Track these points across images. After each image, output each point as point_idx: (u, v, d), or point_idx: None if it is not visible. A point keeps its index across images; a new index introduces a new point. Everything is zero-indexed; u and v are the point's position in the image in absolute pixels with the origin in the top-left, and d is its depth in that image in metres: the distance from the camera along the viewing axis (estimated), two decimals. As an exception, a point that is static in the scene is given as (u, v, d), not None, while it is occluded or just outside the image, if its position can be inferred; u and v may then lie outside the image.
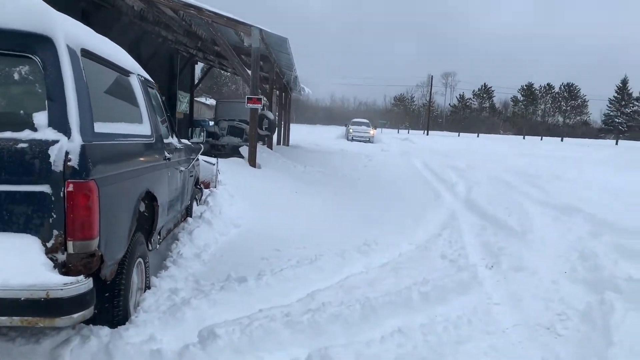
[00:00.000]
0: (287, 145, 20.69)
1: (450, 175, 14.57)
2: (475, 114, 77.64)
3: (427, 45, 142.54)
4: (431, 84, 67.03)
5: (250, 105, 9.62)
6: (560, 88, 75.03)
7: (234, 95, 66.44)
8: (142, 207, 3.41)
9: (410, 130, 66.49)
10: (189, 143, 5.56)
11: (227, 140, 15.66)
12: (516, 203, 9.74)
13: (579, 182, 14.14)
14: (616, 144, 60.40)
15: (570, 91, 74.37)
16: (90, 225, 2.45)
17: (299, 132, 33.06)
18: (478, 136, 63.09)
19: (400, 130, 66.33)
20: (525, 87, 76.43)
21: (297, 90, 19.91)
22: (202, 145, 5.70)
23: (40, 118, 2.47)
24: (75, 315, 2.40)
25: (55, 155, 2.40)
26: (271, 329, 3.20)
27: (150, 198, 3.52)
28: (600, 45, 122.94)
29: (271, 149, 13.68)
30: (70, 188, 2.39)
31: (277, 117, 16.79)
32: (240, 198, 7.35)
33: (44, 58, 2.50)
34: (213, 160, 7.43)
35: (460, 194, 11.20)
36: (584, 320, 4.01)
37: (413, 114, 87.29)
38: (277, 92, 17.51)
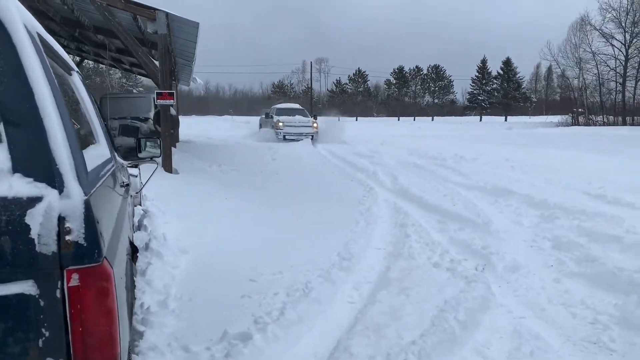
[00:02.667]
0: (178, 141, 19.09)
1: (364, 163, 14.22)
2: (352, 98, 79.52)
3: (299, 32, 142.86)
4: (311, 70, 67.39)
5: (162, 101, 8.30)
6: (428, 70, 79.40)
7: (100, 89, 60.99)
8: (134, 270, 2.32)
9: (291, 117, 66.29)
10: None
11: (120, 142, 13.83)
12: (448, 189, 9.55)
13: (481, 160, 14.52)
14: (480, 120, 65.56)
15: (437, 72, 78.95)
16: (111, 338, 1.41)
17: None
18: (356, 119, 64.75)
19: (281, 118, 65.82)
20: (396, 71, 79.72)
21: (187, 81, 18.36)
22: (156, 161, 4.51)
23: (-5, 157, 1.36)
24: None
25: (39, 225, 1.32)
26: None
27: (132, 249, 2.43)
28: (462, 27, 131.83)
29: (175, 148, 12.28)
30: (75, 281, 1.34)
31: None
32: (172, 214, 6.19)
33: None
34: (134, 170, 6.14)
35: (385, 183, 10.81)
36: (628, 329, 3.63)
37: (293, 100, 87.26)
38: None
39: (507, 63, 70.30)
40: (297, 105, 26.99)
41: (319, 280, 4.35)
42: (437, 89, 79.63)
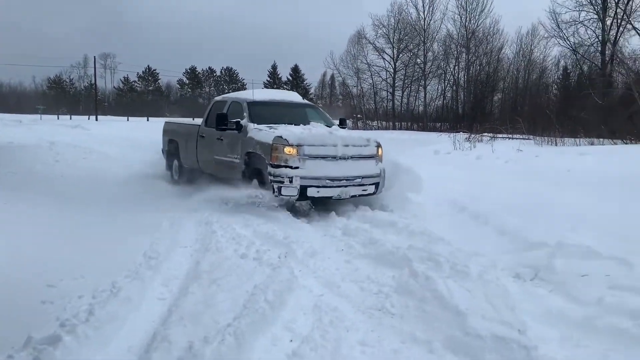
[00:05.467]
0: None
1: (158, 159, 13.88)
2: (142, 97, 76.04)
3: (79, 24, 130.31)
4: (95, 66, 62.24)
5: None
6: (221, 72, 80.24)
7: None
8: None
9: (72, 116, 60.43)
10: None
11: None
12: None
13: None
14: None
15: (230, 75, 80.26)
16: None
17: None
18: (148, 120, 62.06)
19: (60, 117, 59.47)
20: (189, 71, 78.75)
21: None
22: None
23: None
24: None
25: None
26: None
27: None
28: (253, 32, 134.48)
29: None
30: None
31: None
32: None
33: None
34: None
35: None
36: (403, 295, 4.33)
37: (73, 98, 79.67)
38: None
39: (296, 70, 74.77)
40: (294, 96, 10.39)
41: (127, 280, 4.28)
42: (230, 91, 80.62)
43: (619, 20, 33.29)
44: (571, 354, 3.26)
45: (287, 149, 7.13)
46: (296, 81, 74.02)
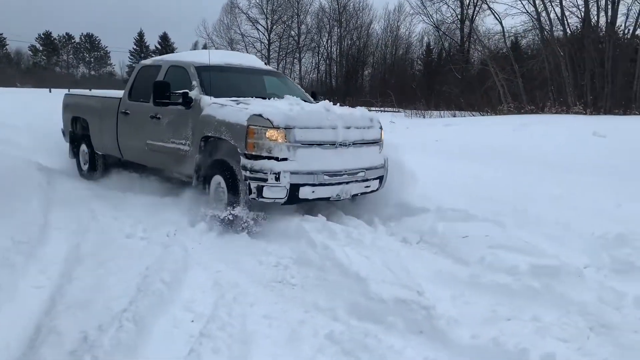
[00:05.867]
0: None
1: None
2: (-11, 65, 67.40)
3: None
4: None
5: None
6: (80, 38, 73.74)
7: None
8: None
9: None
10: None
11: None
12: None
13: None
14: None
15: (92, 42, 74.13)
16: None
17: None
18: (-4, 90, 55.55)
19: None
20: (43, 36, 71.19)
21: None
22: None
23: None
24: None
25: None
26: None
27: None
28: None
29: None
30: None
31: None
32: None
33: None
34: None
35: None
36: (303, 266, 4.33)
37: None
38: None
39: (165, 38, 71.03)
40: (254, 60, 7.85)
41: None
42: (92, 59, 74.84)
43: (475, 0, 35.96)
44: (463, 311, 3.49)
45: (270, 133, 5.12)
46: (165, 50, 70.26)
